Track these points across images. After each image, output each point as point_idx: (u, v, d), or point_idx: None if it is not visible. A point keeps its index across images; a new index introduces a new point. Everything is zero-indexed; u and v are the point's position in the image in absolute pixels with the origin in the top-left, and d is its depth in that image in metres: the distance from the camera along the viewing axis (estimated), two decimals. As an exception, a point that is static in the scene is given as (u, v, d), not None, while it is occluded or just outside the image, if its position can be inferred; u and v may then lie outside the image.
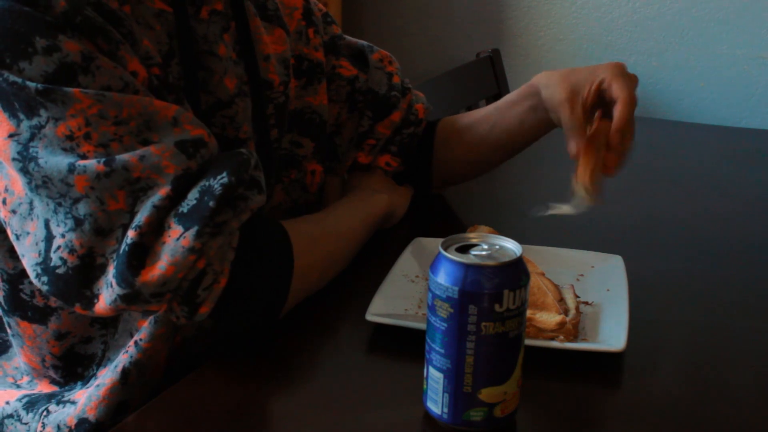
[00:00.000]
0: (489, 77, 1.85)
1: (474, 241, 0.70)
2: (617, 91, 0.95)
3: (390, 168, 1.17)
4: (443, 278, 0.67)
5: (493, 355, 0.67)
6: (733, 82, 2.01)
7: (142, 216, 0.73)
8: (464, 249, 0.69)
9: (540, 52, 2.16)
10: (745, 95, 2.00)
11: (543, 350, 0.78)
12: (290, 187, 1.04)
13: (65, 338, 0.88)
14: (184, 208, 0.74)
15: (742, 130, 1.83)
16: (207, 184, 0.75)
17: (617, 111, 0.95)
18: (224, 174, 0.75)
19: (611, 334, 0.81)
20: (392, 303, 0.87)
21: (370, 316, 0.83)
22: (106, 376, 0.86)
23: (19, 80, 0.73)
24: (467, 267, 0.66)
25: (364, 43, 1.15)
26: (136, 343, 0.85)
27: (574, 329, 0.81)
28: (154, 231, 0.74)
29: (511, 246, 0.70)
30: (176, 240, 0.73)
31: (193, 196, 0.74)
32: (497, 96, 1.83)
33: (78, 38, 0.75)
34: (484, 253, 0.68)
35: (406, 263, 0.96)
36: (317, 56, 1.06)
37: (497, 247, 0.69)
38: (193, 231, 0.73)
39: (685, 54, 2.04)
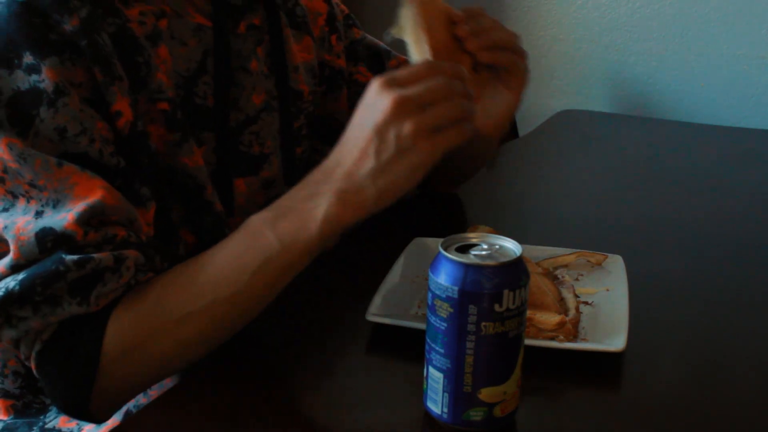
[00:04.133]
0: (489, 77, 1.85)
1: (474, 241, 0.70)
2: None
3: None
4: (443, 278, 0.67)
5: (492, 355, 0.67)
6: (733, 82, 2.00)
7: None
8: (464, 249, 0.69)
9: (540, 52, 2.16)
10: (745, 95, 2.00)
11: (543, 350, 0.78)
12: None
13: None
14: None
15: (742, 130, 1.83)
16: (7, 282, 0.73)
17: None
18: (17, 282, 0.72)
19: (611, 334, 0.81)
20: (392, 303, 0.87)
21: (370, 316, 0.83)
22: None
23: None
24: (467, 267, 0.66)
25: (384, 47, 1.14)
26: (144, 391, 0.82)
27: (573, 329, 0.81)
28: None
29: (511, 246, 0.70)
30: None
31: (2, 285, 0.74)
32: (497, 96, 1.83)
33: (71, 64, 0.74)
34: (484, 253, 0.68)
35: (406, 263, 0.96)
36: (339, 63, 1.06)
37: (497, 247, 0.69)
38: None
39: (685, 54, 2.03)
